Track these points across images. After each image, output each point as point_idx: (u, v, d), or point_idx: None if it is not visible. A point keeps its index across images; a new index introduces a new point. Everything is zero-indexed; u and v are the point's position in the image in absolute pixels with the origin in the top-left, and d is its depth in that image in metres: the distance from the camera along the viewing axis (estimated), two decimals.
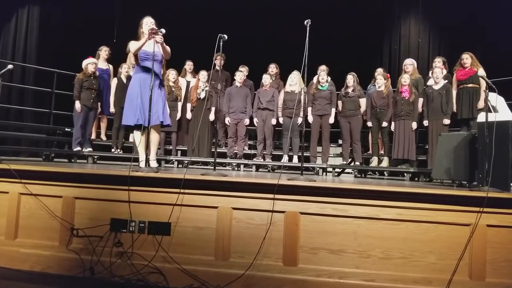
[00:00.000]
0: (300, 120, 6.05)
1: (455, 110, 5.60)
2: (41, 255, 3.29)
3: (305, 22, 3.57)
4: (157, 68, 4.04)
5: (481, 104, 5.39)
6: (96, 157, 6.27)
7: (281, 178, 3.13)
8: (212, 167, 3.96)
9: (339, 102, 6.22)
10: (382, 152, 6.18)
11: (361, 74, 6.43)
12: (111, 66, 6.85)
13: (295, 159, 6.21)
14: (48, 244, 3.32)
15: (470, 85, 5.53)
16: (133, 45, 4.10)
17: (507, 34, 7.32)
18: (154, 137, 4.24)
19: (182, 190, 3.18)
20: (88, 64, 6.19)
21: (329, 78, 6.33)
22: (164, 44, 4.14)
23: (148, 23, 4.12)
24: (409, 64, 6.25)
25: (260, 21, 8.90)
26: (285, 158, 6.24)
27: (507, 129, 3.28)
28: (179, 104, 6.57)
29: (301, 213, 3.10)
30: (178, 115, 6.51)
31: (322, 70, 6.37)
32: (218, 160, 5.17)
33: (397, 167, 5.89)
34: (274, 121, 6.30)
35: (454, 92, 5.63)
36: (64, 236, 3.29)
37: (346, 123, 6.11)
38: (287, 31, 7.54)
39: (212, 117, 6.38)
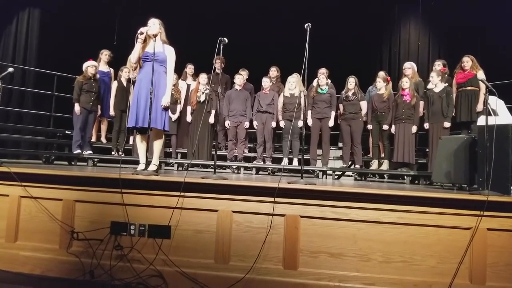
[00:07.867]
0: (300, 123, 6.05)
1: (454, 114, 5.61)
2: (41, 258, 3.29)
3: (305, 26, 3.59)
4: (154, 67, 3.74)
5: (479, 107, 5.39)
6: (96, 159, 6.27)
7: (281, 181, 3.13)
8: (212, 170, 3.97)
9: (340, 106, 6.22)
10: (382, 155, 6.18)
11: (361, 77, 6.43)
12: (112, 69, 6.86)
13: (295, 162, 6.21)
14: (48, 247, 3.31)
15: (469, 88, 5.52)
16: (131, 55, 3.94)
17: (507, 37, 7.33)
18: (154, 141, 4.05)
19: (182, 193, 3.18)
20: (88, 66, 6.20)
21: (329, 81, 6.35)
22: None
23: (149, 24, 3.94)
24: (408, 67, 6.25)
25: (260, 25, 8.91)
26: (285, 161, 6.24)
27: (507, 133, 3.29)
28: (178, 107, 6.58)
29: (301, 216, 3.10)
30: (174, 117, 6.50)
31: (322, 73, 6.38)
32: (218, 163, 5.17)
33: (397, 170, 5.89)
34: (274, 124, 6.30)
35: (454, 95, 5.63)
36: (64, 239, 3.29)
37: (346, 126, 6.11)
38: (288, 34, 7.55)
39: (212, 120, 6.39)
